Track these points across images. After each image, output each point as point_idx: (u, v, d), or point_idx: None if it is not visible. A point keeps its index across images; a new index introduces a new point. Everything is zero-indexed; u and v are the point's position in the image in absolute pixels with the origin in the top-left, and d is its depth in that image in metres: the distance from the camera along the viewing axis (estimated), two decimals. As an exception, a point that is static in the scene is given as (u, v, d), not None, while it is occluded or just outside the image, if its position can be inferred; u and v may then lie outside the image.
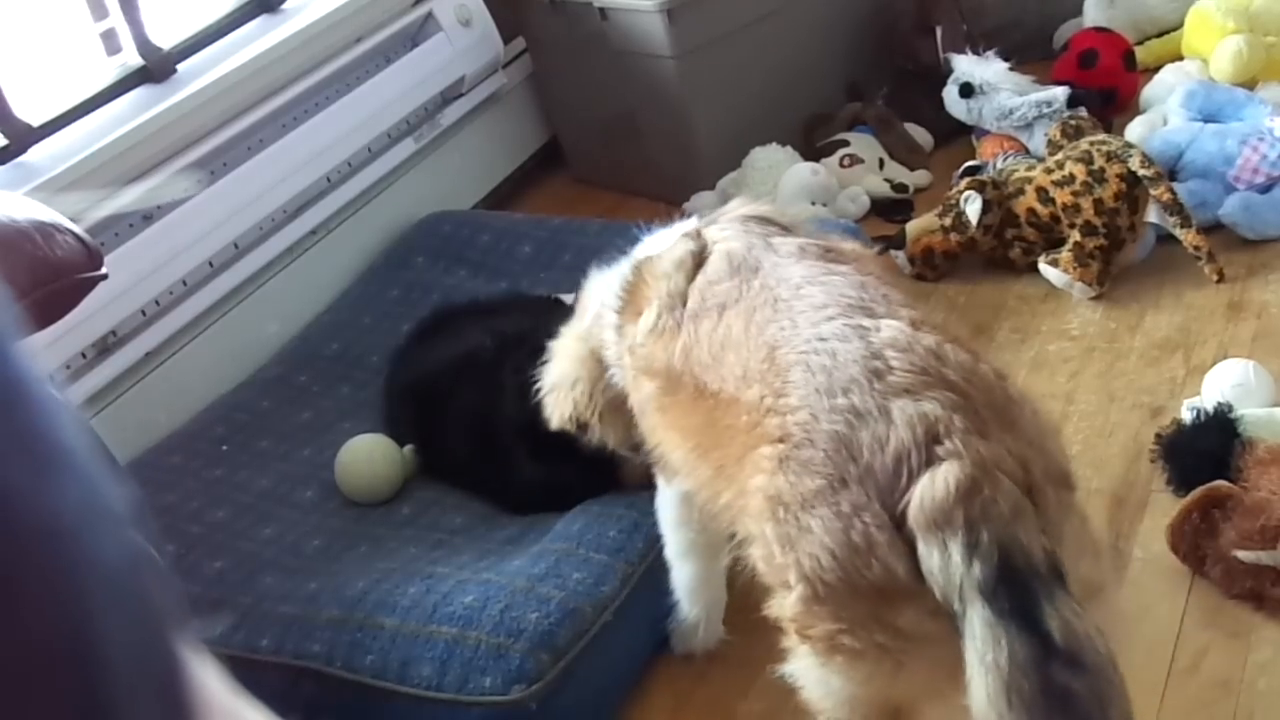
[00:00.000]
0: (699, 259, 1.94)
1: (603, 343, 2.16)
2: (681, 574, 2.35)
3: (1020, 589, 1.42)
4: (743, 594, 2.58)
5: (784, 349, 1.67)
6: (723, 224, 2.01)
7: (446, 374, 2.85)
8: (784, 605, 1.63)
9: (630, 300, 2.07)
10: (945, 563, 1.44)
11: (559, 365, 2.29)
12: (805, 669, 1.69)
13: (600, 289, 2.21)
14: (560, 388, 2.27)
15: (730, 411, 1.73)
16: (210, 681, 0.42)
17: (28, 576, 0.33)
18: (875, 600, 1.52)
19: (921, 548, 1.47)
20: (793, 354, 1.66)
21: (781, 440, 1.60)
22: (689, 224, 2.12)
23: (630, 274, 2.10)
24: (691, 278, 1.92)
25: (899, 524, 1.49)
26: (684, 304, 1.90)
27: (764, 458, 1.62)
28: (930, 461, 1.49)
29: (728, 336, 1.78)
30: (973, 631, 1.42)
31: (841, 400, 1.56)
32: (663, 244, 2.09)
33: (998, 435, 1.52)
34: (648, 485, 2.36)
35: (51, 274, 1.90)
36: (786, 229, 1.97)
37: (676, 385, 1.87)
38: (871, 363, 1.58)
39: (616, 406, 2.19)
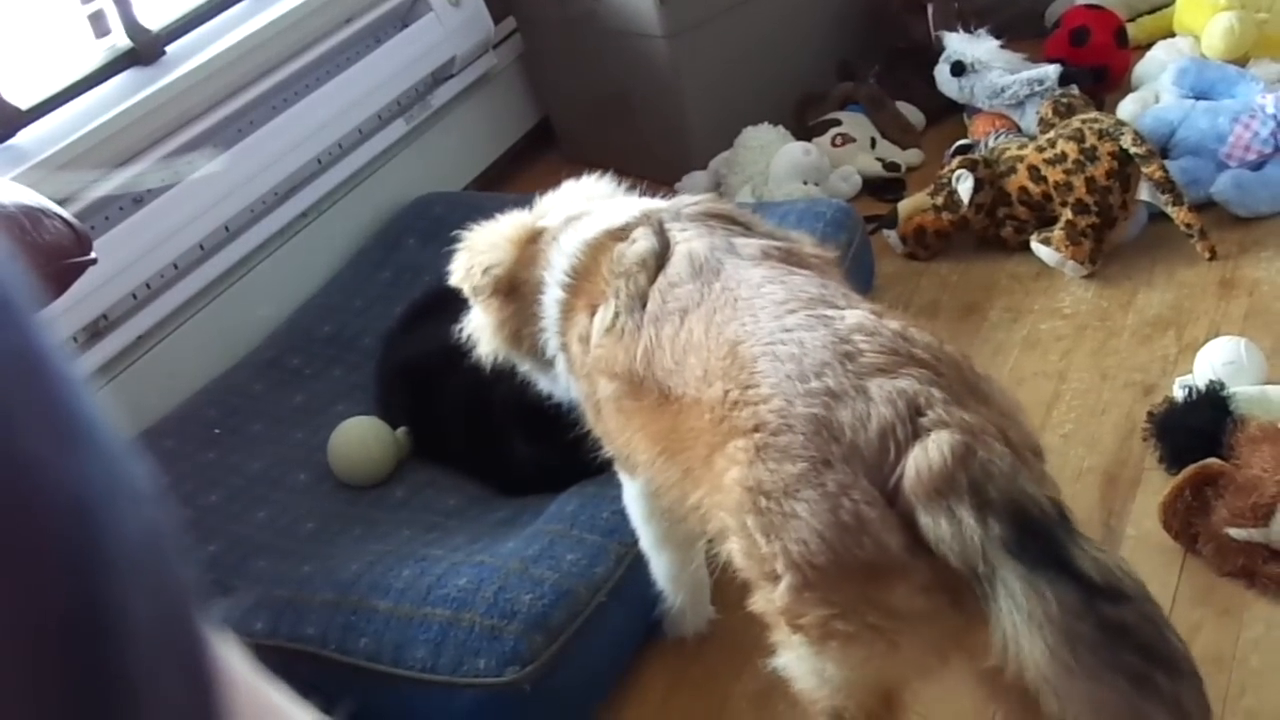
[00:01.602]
0: (661, 258, 1.91)
1: (540, 295, 2.11)
2: (660, 564, 2.35)
3: (1045, 539, 1.41)
4: (734, 576, 2.59)
5: (747, 343, 1.67)
6: (684, 221, 1.97)
7: (439, 355, 2.84)
8: (771, 597, 1.62)
9: (579, 282, 2.03)
10: (957, 528, 1.43)
11: (490, 235, 2.25)
12: (798, 659, 1.68)
13: (562, 218, 2.15)
14: (478, 256, 2.23)
15: (693, 414, 1.71)
16: (233, 660, 0.43)
17: (50, 548, 0.33)
18: (866, 580, 1.52)
19: (925, 519, 1.46)
20: (757, 347, 1.65)
21: (756, 430, 1.59)
22: (642, 204, 2.08)
23: (582, 254, 2.05)
24: (653, 278, 1.89)
25: (889, 500, 1.49)
26: (644, 306, 1.87)
27: (738, 450, 1.61)
28: (917, 434, 1.49)
29: (689, 341, 1.77)
30: (1010, 590, 1.40)
31: (815, 384, 1.56)
32: (613, 218, 2.05)
33: (974, 407, 1.52)
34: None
35: (40, 259, 1.90)
36: (747, 227, 1.95)
37: (639, 389, 1.85)
38: (841, 347, 1.58)
39: (516, 338, 2.19)
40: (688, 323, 1.79)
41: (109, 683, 0.34)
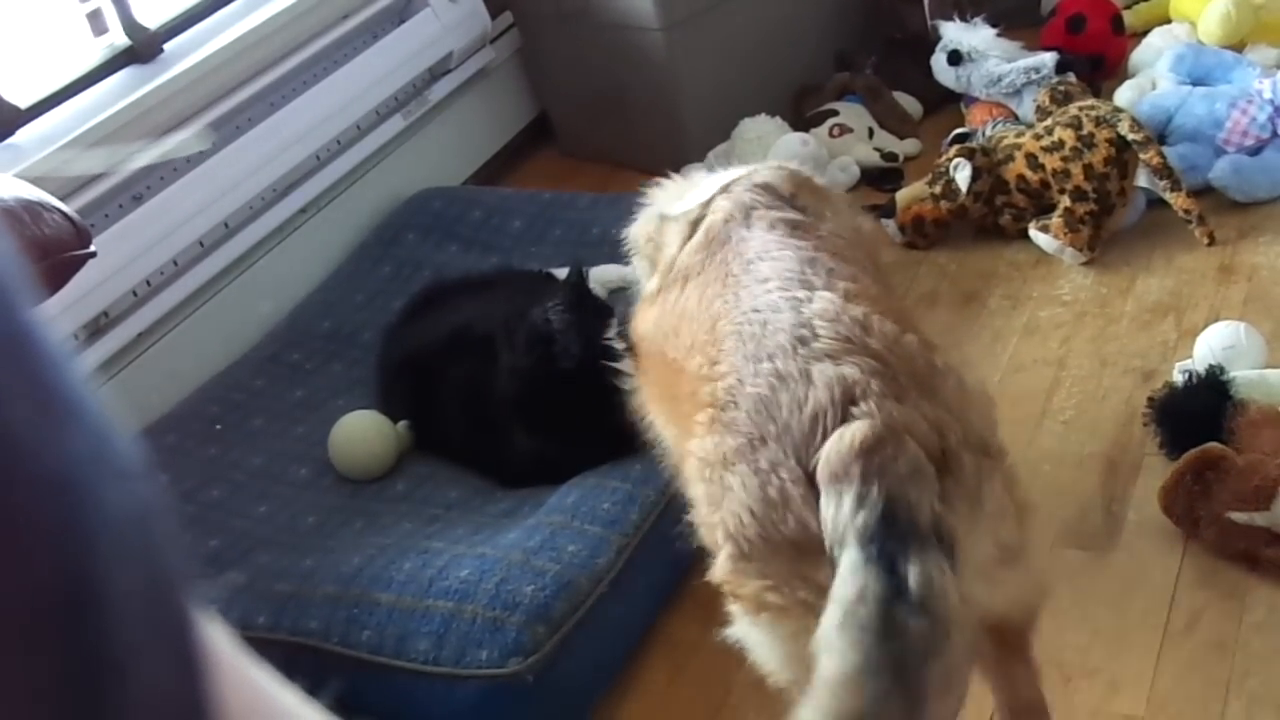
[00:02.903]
0: (695, 229, 1.98)
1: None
2: None
3: (894, 540, 1.43)
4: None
5: (723, 320, 1.72)
6: (736, 190, 2.01)
7: (440, 349, 2.85)
8: (715, 567, 1.66)
9: (650, 253, 2.13)
10: (836, 512, 1.47)
11: (642, 225, 2.26)
12: (740, 630, 1.72)
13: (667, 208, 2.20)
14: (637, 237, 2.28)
15: (681, 381, 1.77)
16: (220, 642, 0.43)
17: (34, 524, 0.33)
18: (794, 556, 1.55)
19: (822, 499, 1.49)
20: (729, 325, 1.70)
21: (711, 404, 1.65)
22: (718, 179, 2.12)
23: (654, 227, 2.15)
24: (683, 247, 1.97)
25: (812, 480, 1.52)
26: (669, 273, 1.96)
27: (697, 423, 1.66)
28: (845, 420, 1.52)
29: (684, 309, 1.84)
30: (840, 572, 1.43)
31: (766, 365, 1.60)
32: (688, 200, 2.11)
33: (915, 401, 1.55)
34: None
35: (40, 253, 1.90)
36: (784, 200, 1.98)
37: (652, 354, 1.93)
38: (799, 331, 1.62)
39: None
40: (687, 291, 1.86)
41: (93, 661, 0.34)
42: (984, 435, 1.61)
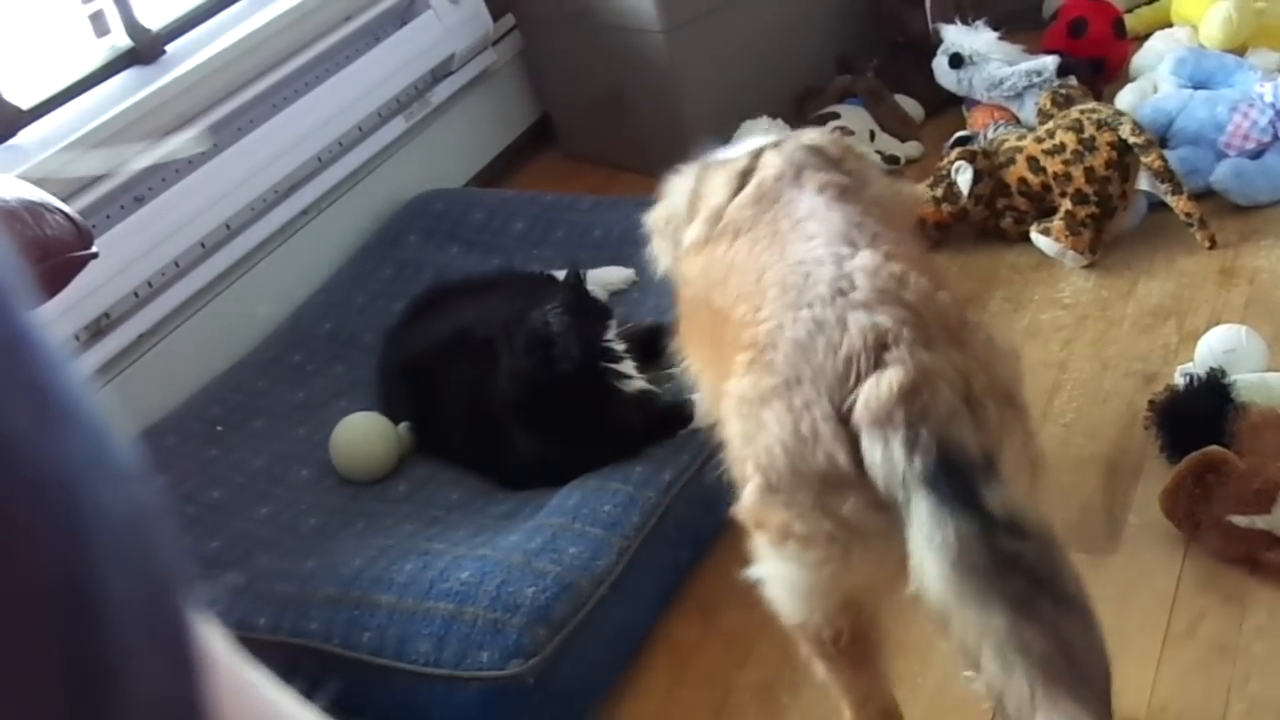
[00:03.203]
0: (744, 181, 2.05)
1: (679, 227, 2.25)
2: None
3: (959, 478, 1.52)
4: (738, 565, 2.59)
5: (769, 272, 1.80)
6: (784, 148, 2.08)
7: (441, 351, 2.85)
8: (742, 500, 1.74)
9: (692, 203, 2.18)
10: (887, 457, 1.55)
11: (662, 209, 2.37)
12: (763, 562, 1.78)
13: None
14: (661, 212, 2.36)
15: (725, 328, 1.84)
16: (216, 644, 0.42)
17: (28, 526, 0.33)
18: (821, 489, 1.63)
19: (865, 442, 1.57)
20: (774, 275, 1.79)
21: (751, 347, 1.72)
22: (765, 139, 2.19)
23: (696, 176, 2.21)
24: (732, 198, 2.04)
25: (844, 419, 1.60)
26: (717, 223, 2.03)
27: (737, 364, 1.74)
28: (878, 366, 1.60)
29: (734, 261, 1.91)
30: (918, 518, 1.52)
31: (805, 312, 1.68)
32: (736, 152, 2.19)
33: (943, 349, 1.62)
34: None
35: (42, 253, 1.90)
36: (834, 162, 2.04)
37: (697, 300, 2.01)
38: (839, 282, 1.70)
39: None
40: (737, 244, 1.94)
41: (90, 663, 0.34)
42: (1009, 387, 1.68)
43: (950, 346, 1.63)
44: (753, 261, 1.86)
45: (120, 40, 3.25)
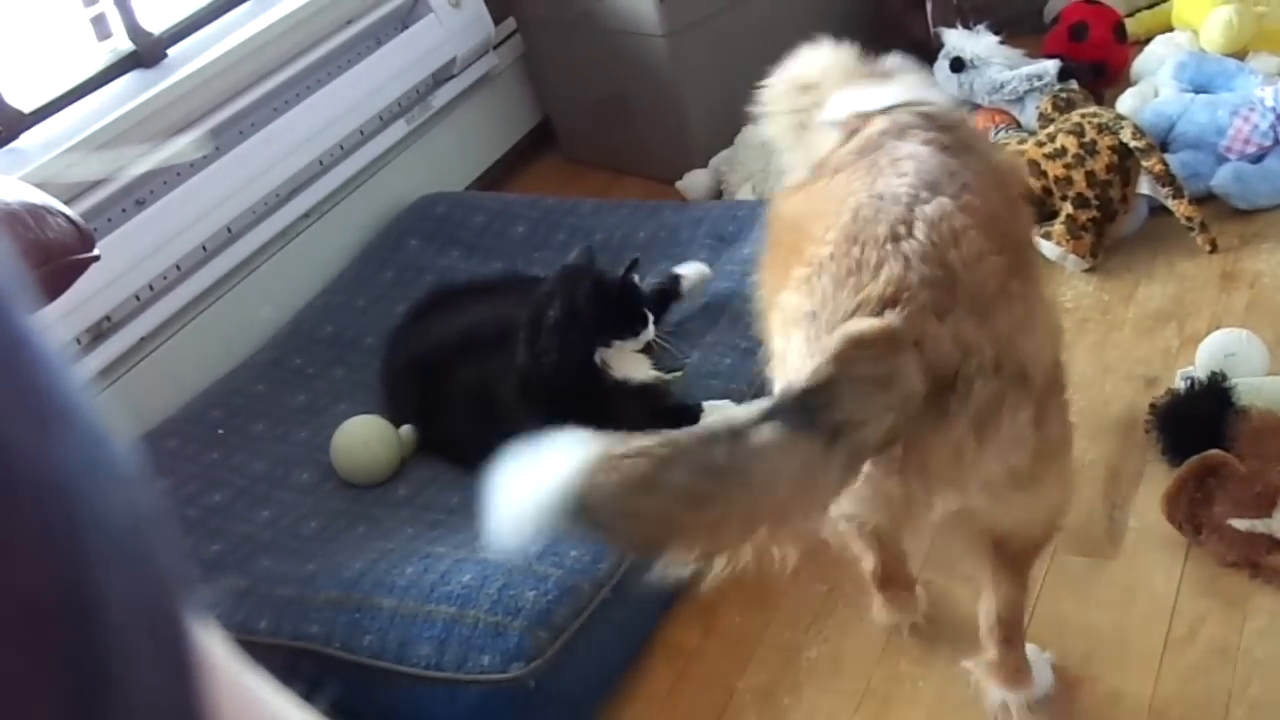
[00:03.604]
0: (850, 137, 2.06)
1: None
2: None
3: (792, 408, 1.56)
4: (740, 571, 2.59)
5: (852, 197, 1.82)
6: (897, 114, 2.08)
7: (444, 352, 2.85)
8: None
9: (800, 149, 2.23)
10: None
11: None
12: None
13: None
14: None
15: (804, 245, 1.85)
16: (214, 647, 0.42)
17: (26, 531, 0.33)
18: None
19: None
20: (854, 200, 1.80)
21: (808, 265, 1.76)
22: (879, 97, 2.20)
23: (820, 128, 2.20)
24: (837, 150, 2.05)
25: None
26: (818, 169, 2.06)
27: (793, 278, 1.78)
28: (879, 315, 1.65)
29: (830, 191, 1.92)
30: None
31: (855, 249, 1.71)
32: (842, 108, 2.18)
33: (956, 320, 1.64)
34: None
35: (43, 256, 1.91)
36: (944, 128, 2.04)
37: (784, 230, 2.02)
38: (898, 226, 1.71)
39: None
40: (836, 179, 1.95)
41: (88, 668, 0.34)
42: (1025, 365, 1.70)
43: (967, 316, 1.65)
44: (844, 188, 1.87)
45: (122, 44, 3.26)
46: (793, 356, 1.73)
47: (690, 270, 3.00)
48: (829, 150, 2.08)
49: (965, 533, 1.94)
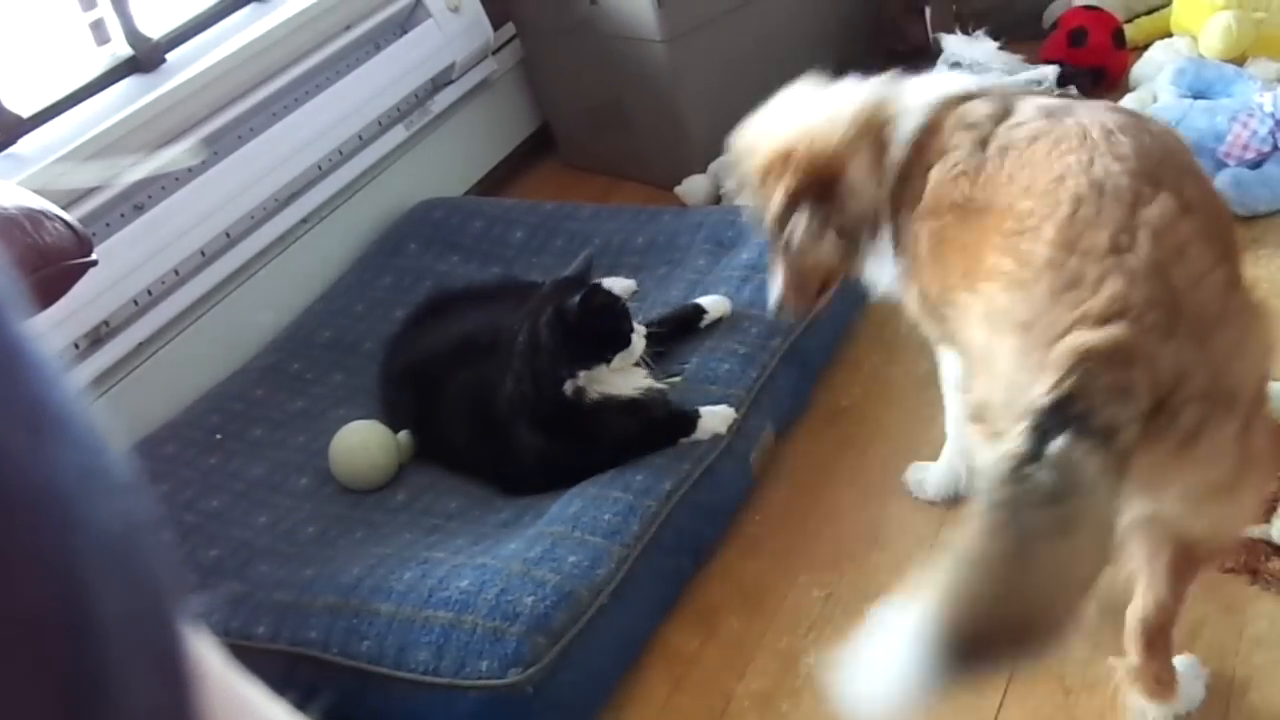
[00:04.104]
0: (1005, 111, 1.98)
1: (887, 151, 2.16)
2: (962, 434, 2.44)
3: (1057, 420, 1.53)
4: (739, 576, 2.59)
5: (1070, 181, 1.75)
6: (993, 93, 2.05)
7: (443, 357, 2.85)
8: (970, 395, 1.84)
9: (923, 145, 2.08)
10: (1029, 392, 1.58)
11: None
12: (980, 451, 1.81)
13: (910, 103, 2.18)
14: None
15: (1000, 218, 1.80)
16: (209, 656, 0.42)
17: (20, 540, 0.33)
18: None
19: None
20: (1074, 187, 1.73)
21: (1021, 262, 1.71)
22: (959, 80, 2.19)
23: (928, 119, 2.09)
24: (998, 124, 1.96)
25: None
26: (985, 147, 1.94)
27: (1001, 271, 1.73)
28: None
29: (1029, 158, 1.85)
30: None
31: (1074, 260, 1.65)
32: (942, 89, 2.12)
33: (1176, 347, 1.60)
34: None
35: (41, 260, 1.90)
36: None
37: (964, 212, 1.92)
38: (1121, 236, 1.66)
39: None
40: (1034, 146, 1.86)
41: (82, 677, 0.34)
42: (1236, 388, 1.66)
43: (1186, 342, 1.61)
44: (1055, 160, 1.80)
45: (120, 49, 3.26)
46: (1003, 363, 1.69)
47: (712, 303, 2.97)
48: (986, 129, 1.97)
49: (1144, 533, 1.89)
